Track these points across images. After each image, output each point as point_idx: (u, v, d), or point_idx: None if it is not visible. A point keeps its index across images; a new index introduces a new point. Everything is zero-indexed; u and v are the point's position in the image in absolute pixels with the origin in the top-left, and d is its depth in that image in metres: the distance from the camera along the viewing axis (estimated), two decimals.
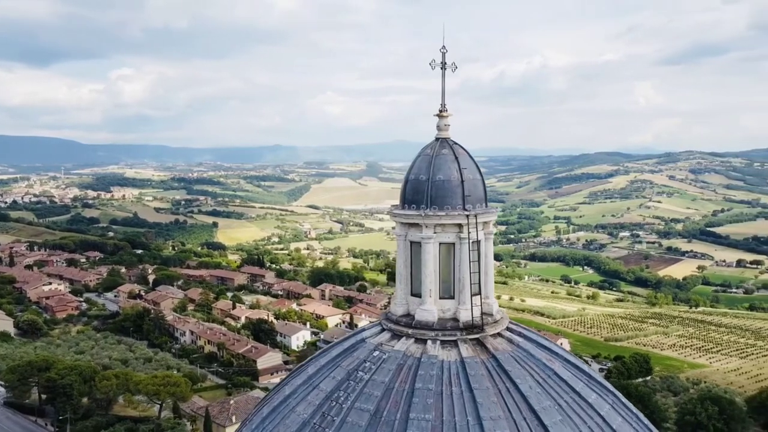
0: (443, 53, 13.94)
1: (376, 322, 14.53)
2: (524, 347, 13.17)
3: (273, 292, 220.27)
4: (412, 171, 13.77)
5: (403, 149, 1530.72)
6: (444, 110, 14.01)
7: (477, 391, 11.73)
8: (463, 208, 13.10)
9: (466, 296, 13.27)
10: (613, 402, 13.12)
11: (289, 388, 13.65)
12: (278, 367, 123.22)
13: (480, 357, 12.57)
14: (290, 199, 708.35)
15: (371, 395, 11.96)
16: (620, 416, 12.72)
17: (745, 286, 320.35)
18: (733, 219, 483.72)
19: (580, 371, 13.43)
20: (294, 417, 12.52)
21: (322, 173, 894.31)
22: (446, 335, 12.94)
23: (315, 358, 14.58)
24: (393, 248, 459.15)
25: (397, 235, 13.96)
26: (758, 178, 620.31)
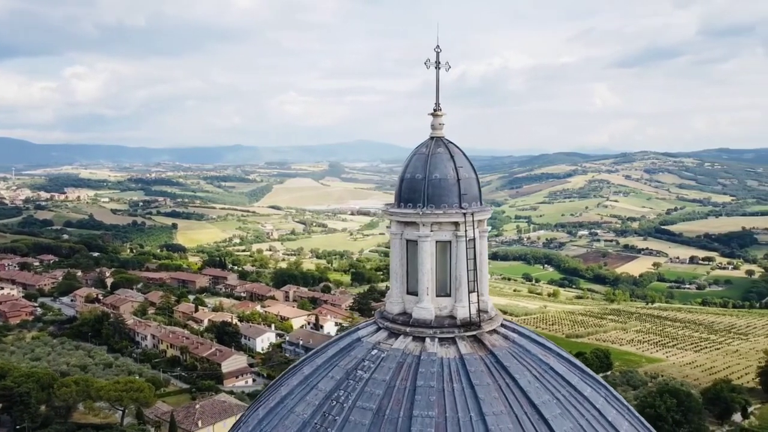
0: (437, 52, 14.06)
1: (371, 321, 14.54)
2: (520, 343, 13.39)
3: (236, 294, 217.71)
4: (408, 170, 13.82)
5: (365, 149, 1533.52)
6: (438, 109, 14.11)
7: (478, 387, 11.88)
8: (459, 207, 13.23)
9: (462, 294, 13.41)
10: (606, 395, 13.46)
11: (285, 388, 13.54)
12: (243, 370, 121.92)
13: (478, 353, 12.73)
14: (252, 199, 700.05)
15: (373, 394, 11.98)
16: (614, 409, 13.06)
17: (697, 282, 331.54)
18: (685, 217, 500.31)
19: (573, 366, 13.72)
20: (293, 417, 12.43)
21: (283, 173, 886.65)
22: (444, 333, 13.06)
23: (310, 358, 14.48)
24: (355, 248, 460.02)
25: (393, 233, 13.99)
26: (709, 177, 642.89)
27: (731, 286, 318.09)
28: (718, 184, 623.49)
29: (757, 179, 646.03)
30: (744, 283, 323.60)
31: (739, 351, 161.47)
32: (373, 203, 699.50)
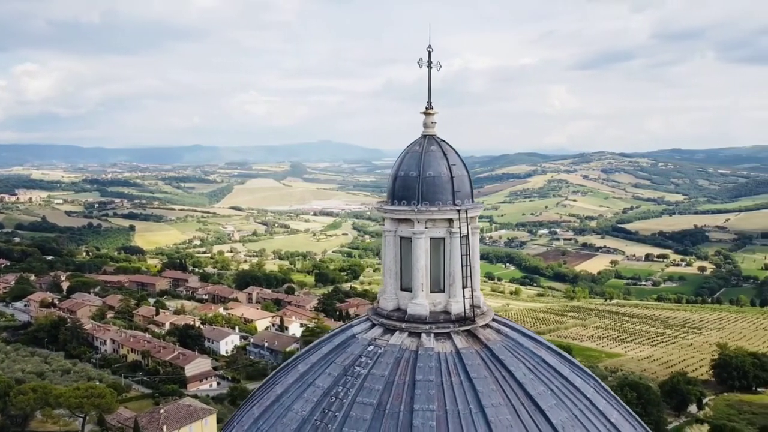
0: (429, 52, 14.25)
1: (363, 318, 14.62)
2: (512, 337, 13.70)
3: (198, 297, 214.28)
4: (401, 167, 13.97)
5: (328, 150, 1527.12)
6: (430, 108, 14.30)
7: (476, 380, 12.12)
8: (453, 204, 13.45)
9: (456, 289, 13.65)
10: (595, 386, 13.87)
11: (281, 387, 13.51)
12: (207, 373, 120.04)
13: (474, 347, 12.98)
14: (212, 200, 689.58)
15: (372, 389, 12.08)
16: (603, 399, 13.48)
17: (653, 278, 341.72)
18: (641, 216, 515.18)
19: (562, 358, 14.10)
20: (291, 415, 12.43)
21: (244, 174, 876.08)
22: (440, 328, 13.26)
23: (303, 356, 14.48)
24: (319, 249, 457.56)
25: (387, 231, 14.12)
26: (663, 177, 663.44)
27: (685, 283, 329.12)
28: (672, 184, 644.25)
29: (707, 179, 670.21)
30: (696, 279, 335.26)
31: (693, 345, 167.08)
32: (335, 204, 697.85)
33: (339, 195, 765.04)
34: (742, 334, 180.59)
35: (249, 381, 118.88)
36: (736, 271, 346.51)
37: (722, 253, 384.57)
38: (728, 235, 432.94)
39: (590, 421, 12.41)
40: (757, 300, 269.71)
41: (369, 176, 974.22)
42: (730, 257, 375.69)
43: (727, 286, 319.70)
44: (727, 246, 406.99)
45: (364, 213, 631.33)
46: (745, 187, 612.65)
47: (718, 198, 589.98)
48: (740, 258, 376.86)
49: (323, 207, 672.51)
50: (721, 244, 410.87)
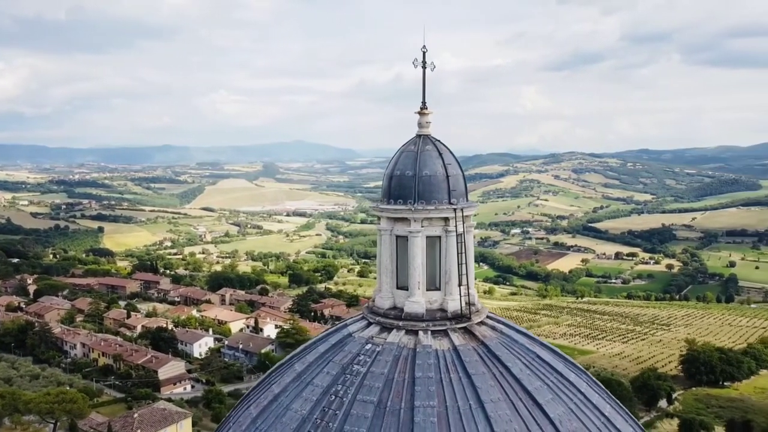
0: (424, 52, 14.36)
1: (358, 316, 14.68)
2: (507, 333, 13.92)
3: (170, 299, 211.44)
4: (397, 167, 14.05)
5: (300, 150, 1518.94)
6: (425, 108, 14.42)
7: (474, 377, 12.28)
8: (449, 203, 13.60)
9: (452, 287, 13.80)
10: (587, 380, 14.17)
11: (278, 386, 13.48)
12: (181, 376, 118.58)
13: (471, 344, 13.15)
14: (183, 201, 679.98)
15: (372, 387, 12.15)
16: (596, 393, 13.77)
17: (622, 276, 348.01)
18: (610, 215, 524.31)
19: (555, 353, 14.38)
20: (291, 414, 12.42)
21: (216, 174, 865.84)
22: (437, 325, 13.39)
23: (299, 355, 14.48)
24: (292, 250, 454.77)
25: (383, 229, 14.18)
26: (631, 177, 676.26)
27: (653, 280, 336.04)
28: (640, 183, 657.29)
29: (674, 178, 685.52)
30: (665, 276, 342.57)
31: (662, 341, 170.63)
32: (309, 204, 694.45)
33: (312, 195, 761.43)
34: (709, 330, 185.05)
35: (224, 383, 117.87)
36: (702, 269, 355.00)
37: (689, 251, 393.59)
38: (694, 234, 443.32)
39: (585, 415, 12.69)
40: (722, 296, 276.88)
41: (342, 176, 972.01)
42: (696, 255, 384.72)
43: (694, 284, 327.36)
44: (694, 244, 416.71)
45: (338, 213, 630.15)
46: (711, 186, 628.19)
47: (684, 197, 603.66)
48: (706, 256, 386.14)
49: (296, 207, 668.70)
50: (688, 243, 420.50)
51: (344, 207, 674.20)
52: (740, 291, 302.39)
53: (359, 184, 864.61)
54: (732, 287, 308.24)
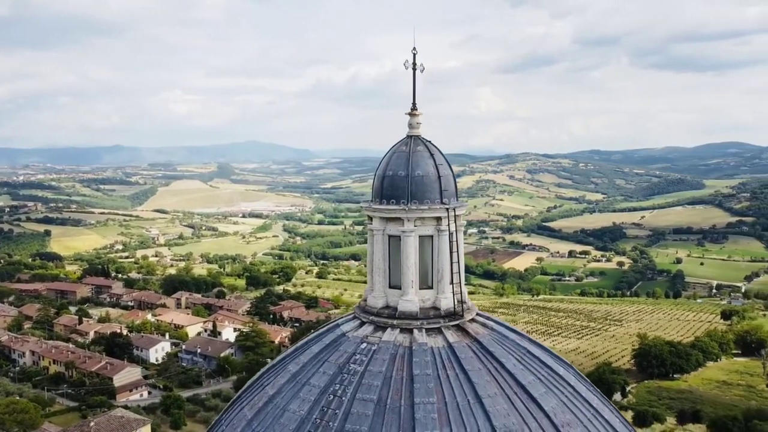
0: (414, 54, 14.52)
1: (350, 316, 14.74)
2: (498, 330, 14.22)
3: (123, 304, 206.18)
4: (389, 167, 14.17)
5: (256, 150, 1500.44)
6: (415, 109, 14.58)
7: (471, 373, 12.52)
8: (441, 202, 13.81)
9: (445, 285, 14.03)
10: (575, 374, 14.61)
11: (272, 388, 13.41)
12: (138, 382, 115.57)
13: (465, 341, 13.39)
14: (134, 203, 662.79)
15: (371, 385, 12.25)
16: (584, 386, 14.21)
17: (576, 274, 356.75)
18: (564, 214, 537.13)
19: (543, 349, 14.76)
20: (289, 415, 12.39)
21: (169, 175, 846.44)
22: (430, 323, 13.59)
23: (291, 356, 14.42)
24: (248, 252, 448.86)
25: (375, 229, 14.27)
26: (583, 177, 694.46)
27: (605, 277, 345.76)
28: (591, 183, 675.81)
29: (624, 178, 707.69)
30: (616, 273, 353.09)
31: (615, 336, 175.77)
32: (265, 205, 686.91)
33: (268, 196, 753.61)
34: (659, 325, 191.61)
35: (182, 389, 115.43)
36: (651, 266, 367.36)
37: (638, 248, 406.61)
38: (643, 232, 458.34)
39: (577, 407, 13.10)
40: (670, 292, 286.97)
41: (299, 177, 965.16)
42: (645, 252, 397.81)
43: (644, 280, 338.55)
44: (643, 242, 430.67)
45: (295, 214, 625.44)
46: (658, 186, 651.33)
47: (633, 196, 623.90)
48: (654, 253, 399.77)
49: (252, 209, 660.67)
50: (637, 240, 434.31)
51: (301, 208, 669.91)
52: (687, 286, 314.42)
53: (316, 184, 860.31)
54: (679, 283, 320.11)
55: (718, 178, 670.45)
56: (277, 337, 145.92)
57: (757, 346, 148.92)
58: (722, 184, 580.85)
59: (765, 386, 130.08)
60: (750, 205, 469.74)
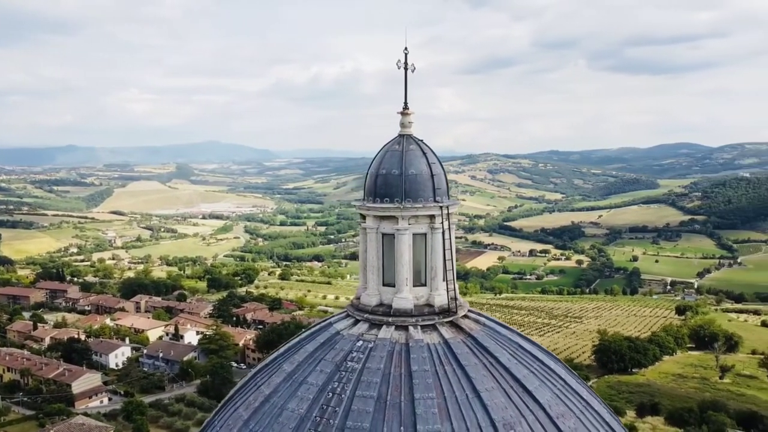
0: (405, 54, 14.63)
1: (342, 314, 14.77)
2: (490, 326, 14.48)
3: (80, 308, 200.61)
4: (382, 166, 14.25)
5: (216, 150, 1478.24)
6: (407, 108, 14.70)
7: (468, 368, 12.72)
8: (434, 200, 13.97)
9: (438, 282, 14.21)
10: (563, 367, 14.97)
11: (268, 387, 13.34)
12: (98, 389, 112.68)
13: (459, 337, 13.60)
14: (90, 204, 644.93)
15: (371, 382, 12.33)
16: (574, 379, 14.60)
17: (537, 272, 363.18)
18: (524, 214, 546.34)
19: (533, 343, 15.08)
20: (288, 414, 12.36)
21: (126, 176, 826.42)
22: (425, 320, 13.75)
23: (285, 355, 14.36)
24: (209, 254, 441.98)
25: (368, 228, 14.33)
26: (542, 177, 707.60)
27: (565, 275, 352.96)
28: (551, 183, 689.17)
29: (581, 178, 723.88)
30: (575, 271, 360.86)
31: (575, 332, 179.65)
32: (225, 206, 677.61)
33: (229, 197, 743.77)
34: (617, 321, 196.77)
35: (144, 394, 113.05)
36: (608, 263, 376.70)
37: (596, 246, 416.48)
38: (601, 231, 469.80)
39: (569, 399, 13.46)
40: (627, 289, 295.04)
41: (260, 178, 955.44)
42: (603, 250, 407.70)
43: (602, 277, 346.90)
44: (601, 240, 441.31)
45: (257, 215, 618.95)
46: (614, 185, 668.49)
47: (591, 196, 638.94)
48: (612, 251, 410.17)
49: (213, 210, 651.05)
50: (595, 239, 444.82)
51: (263, 209, 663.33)
52: (643, 283, 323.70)
53: (278, 185, 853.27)
54: (635, 280, 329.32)
55: (671, 177, 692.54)
56: (242, 340, 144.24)
57: (710, 340, 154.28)
58: (675, 184, 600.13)
59: (718, 378, 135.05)
60: (701, 204, 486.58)
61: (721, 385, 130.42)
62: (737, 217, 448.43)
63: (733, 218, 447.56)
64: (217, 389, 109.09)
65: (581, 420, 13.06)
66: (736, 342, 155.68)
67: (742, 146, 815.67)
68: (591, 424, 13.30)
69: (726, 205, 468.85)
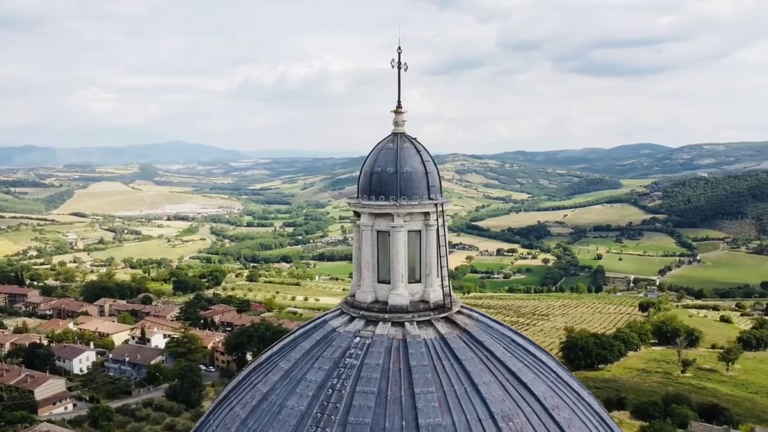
0: (399, 53, 14.77)
1: (336, 311, 14.82)
2: (483, 321, 14.71)
3: (41, 313, 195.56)
4: (377, 163, 14.35)
5: (180, 151, 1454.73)
6: (400, 107, 14.83)
7: (465, 362, 12.92)
8: (428, 198, 14.14)
9: (433, 279, 14.39)
10: (554, 360, 15.33)
11: (264, 385, 13.30)
12: (62, 395, 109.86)
13: (455, 332, 13.81)
14: (49, 206, 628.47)
15: (370, 378, 12.43)
16: (563, 371, 14.96)
17: (504, 271, 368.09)
18: (491, 213, 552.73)
19: (524, 338, 15.40)
20: (287, 411, 12.37)
21: (87, 177, 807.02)
22: (421, 316, 13.90)
23: (280, 353, 14.32)
24: (174, 256, 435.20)
25: (363, 225, 14.41)
26: (509, 177, 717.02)
27: (532, 274, 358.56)
28: (517, 183, 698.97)
29: (547, 178, 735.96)
30: (541, 270, 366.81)
31: (543, 330, 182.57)
32: (191, 207, 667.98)
33: (195, 198, 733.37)
34: (583, 318, 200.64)
35: (110, 399, 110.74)
36: (573, 262, 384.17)
37: (562, 245, 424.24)
38: (566, 230, 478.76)
39: (562, 391, 13.81)
40: (592, 287, 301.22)
41: (226, 178, 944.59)
42: (568, 249, 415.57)
43: (567, 276, 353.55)
44: (566, 239, 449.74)
45: (223, 216, 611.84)
46: (579, 185, 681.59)
47: (556, 196, 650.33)
48: (577, 250, 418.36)
49: (178, 211, 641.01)
50: (561, 238, 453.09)
51: (229, 210, 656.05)
52: (607, 281, 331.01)
53: (244, 186, 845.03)
54: (600, 278, 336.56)
55: (633, 177, 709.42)
56: (210, 342, 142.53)
57: (672, 335, 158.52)
58: (637, 184, 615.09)
59: (680, 372, 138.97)
60: (662, 203, 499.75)
61: (684, 379, 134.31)
62: (696, 215, 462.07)
63: (692, 217, 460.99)
64: (186, 393, 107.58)
65: (575, 411, 13.41)
66: (696, 337, 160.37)
67: (700, 147, 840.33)
68: (584, 414, 13.68)
69: (685, 205, 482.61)
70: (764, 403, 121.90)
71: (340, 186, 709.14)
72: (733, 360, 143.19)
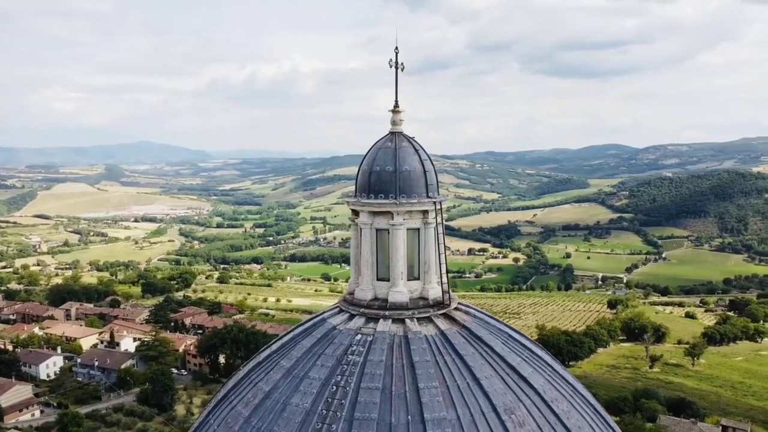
0: (396, 53, 14.89)
1: (335, 309, 14.89)
2: (480, 317, 14.96)
3: (4, 317, 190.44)
4: (375, 162, 14.48)
5: (147, 151, 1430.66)
6: (397, 107, 14.96)
7: (466, 357, 13.15)
8: (427, 196, 14.31)
9: (431, 276, 14.58)
10: (549, 355, 15.65)
11: (266, 384, 13.30)
12: (28, 401, 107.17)
13: (454, 328, 14.02)
14: (11, 208, 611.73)
15: (374, 374, 12.54)
16: (558, 365, 15.29)
17: (476, 271, 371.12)
18: (462, 213, 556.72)
19: (520, 333, 15.68)
20: (291, 409, 12.40)
21: (51, 178, 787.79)
22: (421, 313, 14.09)
23: (280, 351, 14.32)
24: (142, 258, 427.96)
25: (362, 223, 14.51)
26: (479, 177, 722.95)
27: (503, 273, 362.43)
28: (488, 183, 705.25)
29: (517, 178, 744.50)
30: (512, 269, 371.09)
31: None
32: (159, 208, 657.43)
33: (162, 199, 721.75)
34: (554, 316, 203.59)
35: (79, 405, 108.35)
36: (543, 260, 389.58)
37: (532, 244, 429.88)
38: (536, 229, 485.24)
39: (559, 384, 14.14)
40: (562, 285, 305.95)
41: (195, 179, 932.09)
42: (538, 248, 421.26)
43: (537, 274, 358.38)
44: (536, 238, 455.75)
45: (192, 218, 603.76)
46: (548, 185, 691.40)
47: (526, 195, 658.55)
48: (546, 248, 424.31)
49: (145, 212, 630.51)
50: (531, 237, 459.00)
51: (198, 211, 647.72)
52: (576, 279, 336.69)
53: (214, 186, 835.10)
54: (569, 276, 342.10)
55: (601, 177, 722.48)
56: (182, 345, 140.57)
57: (639, 331, 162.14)
58: (604, 183, 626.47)
59: (648, 368, 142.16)
60: (629, 203, 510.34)
61: (652, 374, 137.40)
62: (661, 214, 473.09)
63: (657, 216, 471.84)
64: (158, 397, 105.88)
65: (572, 403, 13.76)
66: (663, 333, 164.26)
67: (664, 147, 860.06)
68: (580, 406, 14.04)
69: (651, 204, 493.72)
70: (729, 396, 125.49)
71: (311, 186, 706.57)
72: (699, 355, 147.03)
